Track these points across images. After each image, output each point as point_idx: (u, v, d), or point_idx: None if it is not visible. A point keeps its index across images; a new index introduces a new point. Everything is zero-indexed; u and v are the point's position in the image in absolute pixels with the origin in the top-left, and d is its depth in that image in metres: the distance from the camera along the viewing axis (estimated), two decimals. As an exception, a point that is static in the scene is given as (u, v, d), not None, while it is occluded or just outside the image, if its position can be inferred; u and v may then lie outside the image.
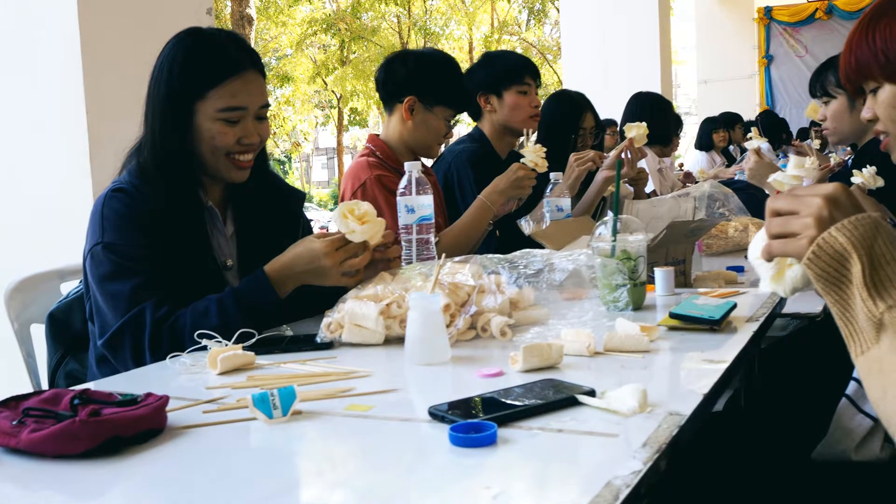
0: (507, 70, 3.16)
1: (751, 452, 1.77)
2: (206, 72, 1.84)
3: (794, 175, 1.10)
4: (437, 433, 1.06)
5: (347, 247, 1.75)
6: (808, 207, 0.98)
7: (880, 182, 2.29)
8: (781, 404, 1.97)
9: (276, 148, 24.34)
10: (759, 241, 1.10)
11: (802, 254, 0.98)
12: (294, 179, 23.88)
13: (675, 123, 6.30)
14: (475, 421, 1.04)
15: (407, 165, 2.03)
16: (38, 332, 2.04)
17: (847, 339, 0.96)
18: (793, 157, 1.16)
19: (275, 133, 23.03)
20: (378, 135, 2.71)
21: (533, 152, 2.56)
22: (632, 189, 3.55)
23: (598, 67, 7.52)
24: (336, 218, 1.74)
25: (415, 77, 2.62)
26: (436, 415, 1.11)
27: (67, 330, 2.02)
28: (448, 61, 2.73)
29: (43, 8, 2.72)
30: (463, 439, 1.00)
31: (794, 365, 2.14)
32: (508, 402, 1.14)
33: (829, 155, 5.46)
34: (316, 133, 28.30)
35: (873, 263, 0.93)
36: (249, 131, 1.88)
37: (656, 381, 1.30)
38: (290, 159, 25.69)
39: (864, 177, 2.28)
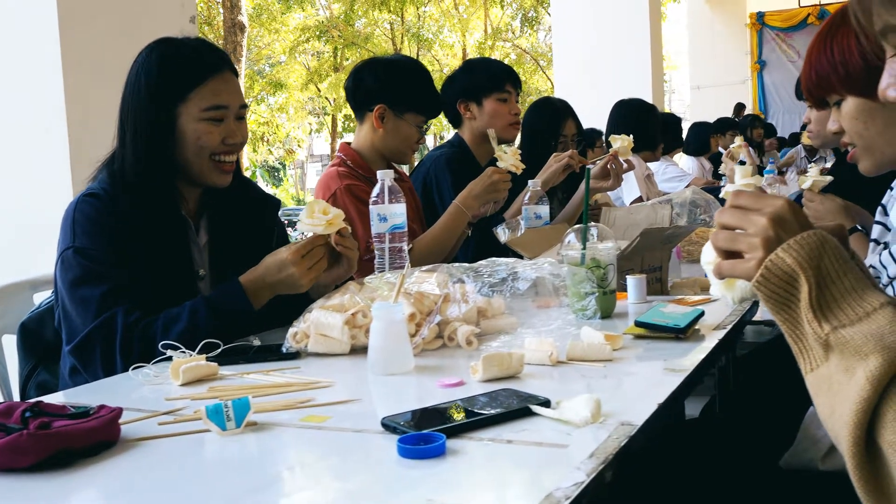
0: (488, 77, 3.15)
1: (721, 459, 1.76)
2: (186, 73, 1.86)
3: (745, 184, 1.11)
4: (388, 444, 1.05)
5: (312, 252, 1.77)
6: (754, 226, 0.97)
7: (828, 178, 2.31)
8: (755, 411, 1.96)
9: (269, 155, 24.34)
10: (710, 247, 1.10)
11: (751, 276, 0.97)
12: (288, 187, 23.88)
13: (673, 125, 6.31)
14: (424, 432, 1.04)
15: (379, 174, 2.03)
16: (10, 343, 2.03)
17: (797, 356, 0.96)
18: (738, 168, 1.16)
19: (268, 140, 23.03)
20: (349, 143, 2.71)
21: (510, 155, 2.57)
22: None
23: (590, 74, 7.53)
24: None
25: (384, 85, 2.62)
26: (388, 426, 1.11)
27: (39, 340, 2.01)
28: (417, 68, 2.74)
29: (23, 17, 2.72)
30: (411, 451, 1.00)
31: (771, 371, 2.13)
32: (462, 412, 1.13)
33: (813, 161, 5.47)
34: (310, 140, 28.28)
35: (820, 283, 0.92)
36: (232, 131, 1.89)
37: (615, 391, 1.30)
38: (284, 166, 25.69)
39: (813, 178, 2.30)
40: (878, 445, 0.87)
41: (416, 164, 3.25)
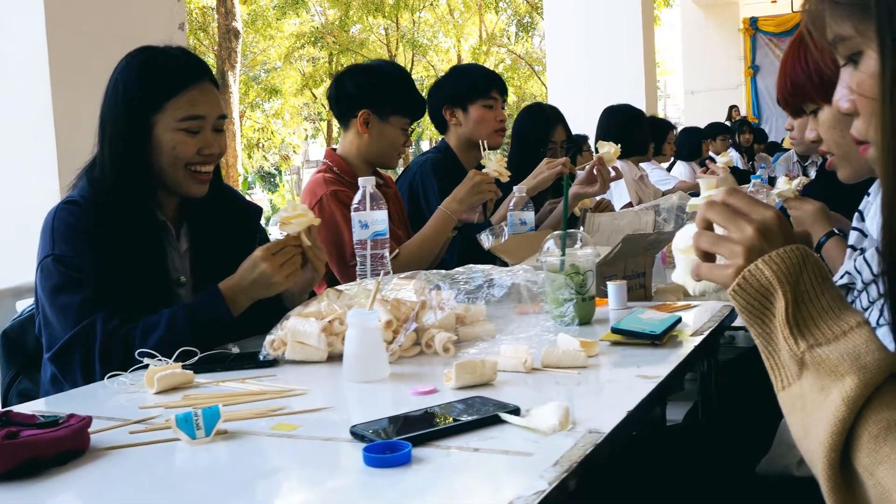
0: (474, 84, 3.15)
1: (701, 466, 1.76)
2: (164, 83, 1.85)
3: (708, 196, 1.10)
4: (356, 453, 1.05)
5: (284, 251, 1.78)
6: (739, 232, 0.95)
7: (794, 186, 2.33)
8: (735, 417, 1.96)
9: (265, 161, 24.34)
10: (685, 232, 1.08)
11: (728, 283, 0.95)
12: (284, 192, 23.84)
13: (663, 129, 6.32)
14: (391, 440, 1.04)
15: (361, 181, 2.03)
16: (-8, 351, 2.03)
17: (770, 371, 0.93)
18: (702, 180, 1.16)
19: (263, 146, 23.03)
20: (335, 150, 2.71)
21: (495, 162, 2.58)
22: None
23: (583, 79, 7.54)
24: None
25: (365, 90, 2.62)
26: (357, 434, 1.11)
27: (21, 348, 2.01)
28: (397, 71, 2.75)
29: (10, 24, 2.72)
30: (375, 459, 1.00)
31: (752, 377, 2.14)
32: (431, 420, 1.13)
33: (805, 165, 5.48)
34: (306, 146, 28.25)
35: (797, 300, 0.90)
36: (209, 141, 1.89)
37: (586, 398, 1.30)
38: (280, 172, 25.64)
39: (778, 190, 2.31)
40: (853, 468, 0.84)
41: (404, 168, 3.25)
